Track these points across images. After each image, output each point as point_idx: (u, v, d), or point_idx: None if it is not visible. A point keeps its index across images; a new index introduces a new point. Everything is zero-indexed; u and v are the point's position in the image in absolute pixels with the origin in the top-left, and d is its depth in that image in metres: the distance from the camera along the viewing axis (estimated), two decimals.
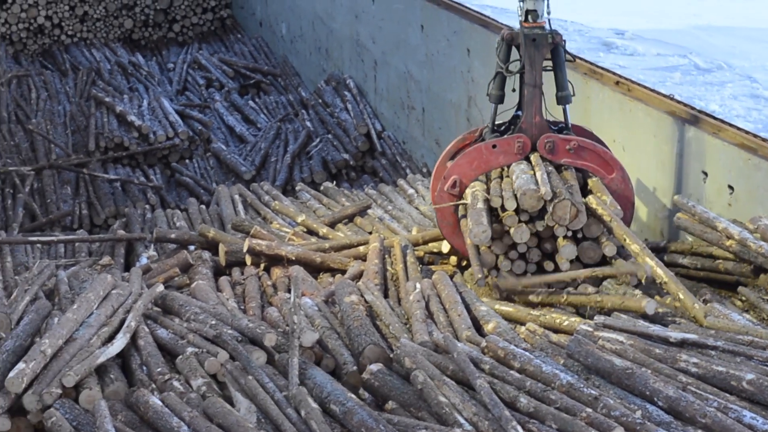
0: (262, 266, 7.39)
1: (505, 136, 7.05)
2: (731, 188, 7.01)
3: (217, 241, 7.91)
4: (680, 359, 4.69)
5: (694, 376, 4.60)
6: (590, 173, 6.93)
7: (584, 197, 6.73)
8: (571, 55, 7.17)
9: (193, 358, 5.16)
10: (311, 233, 8.50)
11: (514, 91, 7.12)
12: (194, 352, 5.20)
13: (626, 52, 15.28)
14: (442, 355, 5.09)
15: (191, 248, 8.07)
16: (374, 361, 5.20)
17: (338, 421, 4.55)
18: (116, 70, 15.89)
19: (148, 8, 17.92)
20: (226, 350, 5.15)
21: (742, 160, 6.92)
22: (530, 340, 5.55)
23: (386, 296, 6.53)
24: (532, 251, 6.75)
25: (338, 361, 5.37)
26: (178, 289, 7.04)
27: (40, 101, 14.48)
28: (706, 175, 7.24)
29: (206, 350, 5.20)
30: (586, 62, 8.76)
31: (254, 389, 4.74)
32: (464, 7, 11.01)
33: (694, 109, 7.57)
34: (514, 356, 4.87)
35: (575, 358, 4.84)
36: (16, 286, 6.54)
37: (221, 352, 5.15)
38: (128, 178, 12.21)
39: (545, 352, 5.11)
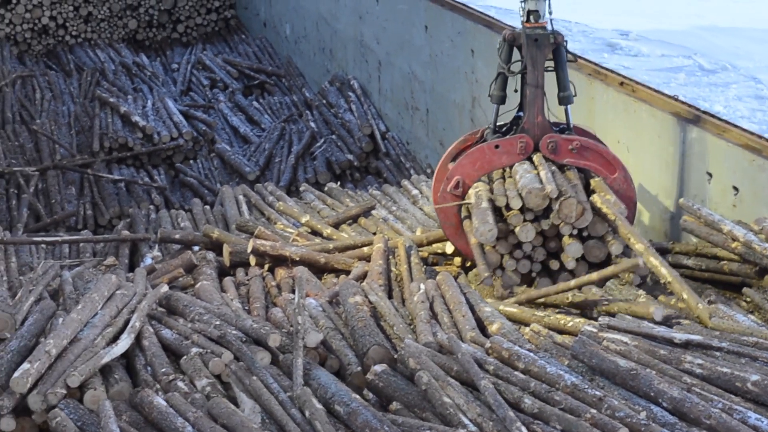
0: (266, 267, 7.39)
1: (507, 136, 7.05)
2: (736, 189, 7.00)
3: (221, 241, 7.91)
4: (685, 360, 4.68)
5: (698, 377, 4.59)
6: (593, 173, 6.94)
7: (587, 197, 6.73)
8: (572, 54, 7.17)
9: (197, 358, 5.16)
10: (315, 234, 8.50)
11: (516, 91, 7.13)
12: (198, 352, 5.21)
13: (630, 52, 15.26)
14: (446, 355, 5.09)
15: (195, 249, 8.07)
16: (378, 361, 5.20)
17: (342, 421, 4.55)
18: (120, 70, 15.91)
19: (152, 9, 17.94)
20: (230, 351, 5.16)
21: (746, 161, 6.91)
22: (535, 340, 5.55)
23: (390, 297, 6.53)
24: (537, 250, 6.76)
25: (342, 361, 5.37)
26: (182, 289, 7.04)
27: (44, 102, 14.49)
28: (710, 176, 7.23)
29: (210, 351, 5.21)
30: (590, 63, 8.76)
31: (258, 390, 4.75)
32: (468, 7, 11.01)
33: (698, 110, 7.57)
34: (518, 357, 4.87)
35: (580, 358, 4.84)
36: (20, 286, 6.55)
37: (225, 352, 5.15)
38: (132, 178, 12.22)
39: (550, 352, 5.11)
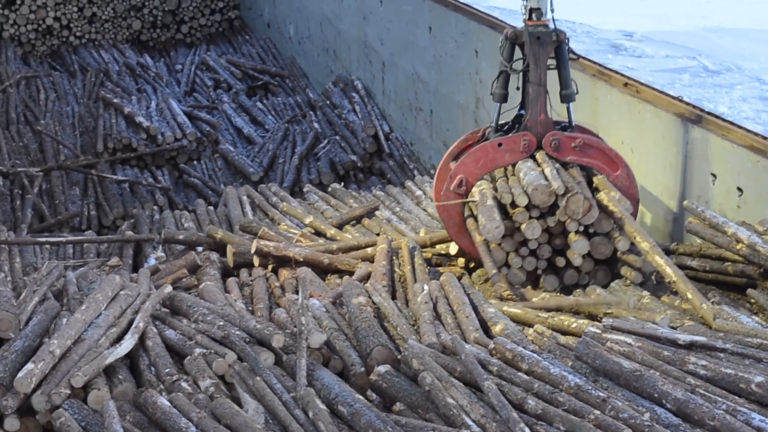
0: (269, 267, 7.39)
1: (510, 134, 7.06)
2: (740, 190, 7.00)
3: (225, 242, 7.92)
4: (689, 362, 4.68)
5: (702, 378, 4.59)
6: (595, 171, 6.94)
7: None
8: (574, 53, 7.18)
9: (201, 359, 5.16)
10: (319, 235, 8.51)
11: (518, 89, 7.13)
12: (202, 353, 5.21)
13: (635, 53, 15.26)
14: (449, 356, 5.09)
15: (199, 249, 8.07)
16: (382, 362, 5.20)
17: (346, 422, 4.55)
18: (124, 71, 15.92)
19: (156, 9, 17.95)
20: (234, 351, 5.16)
21: (751, 162, 6.91)
22: (538, 341, 5.55)
23: (394, 298, 6.53)
24: (542, 247, 6.76)
25: (346, 362, 5.37)
26: (186, 290, 7.04)
27: (48, 102, 14.51)
28: (714, 177, 7.23)
29: (214, 351, 5.21)
30: (594, 64, 8.75)
31: (262, 390, 4.75)
32: (472, 8, 11.01)
33: (702, 111, 7.56)
34: (522, 358, 4.87)
35: (583, 360, 4.84)
36: (24, 286, 6.55)
37: (229, 353, 5.15)
38: (136, 179, 12.23)
39: (553, 354, 5.11)
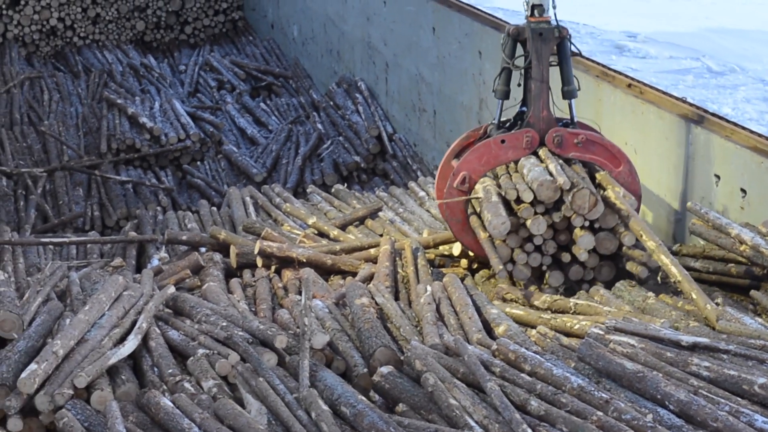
0: (273, 268, 7.40)
1: (512, 131, 7.06)
2: (744, 191, 6.99)
3: (228, 243, 7.92)
4: (692, 363, 4.68)
5: (705, 379, 4.58)
6: (597, 167, 6.95)
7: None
8: (576, 48, 7.18)
9: (204, 359, 5.16)
10: (322, 235, 8.51)
11: (519, 86, 7.14)
12: (205, 353, 5.21)
13: (638, 54, 15.25)
14: (452, 357, 5.09)
15: (202, 250, 8.08)
16: (385, 363, 5.20)
17: (349, 423, 4.55)
18: (128, 72, 15.93)
19: (159, 10, 17.96)
20: (237, 352, 5.16)
21: (754, 163, 6.90)
22: (541, 343, 5.54)
23: (397, 299, 6.53)
24: (547, 243, 6.76)
25: (349, 363, 5.37)
26: (189, 290, 7.04)
27: (52, 103, 14.52)
28: (718, 178, 7.22)
29: (217, 352, 5.21)
30: (598, 65, 8.75)
31: (265, 391, 4.75)
32: (476, 9, 11.01)
33: (706, 112, 7.56)
34: (524, 359, 4.87)
35: (586, 361, 4.83)
36: (28, 287, 6.56)
37: (232, 353, 5.15)
38: (140, 179, 12.24)
39: (556, 355, 5.11)
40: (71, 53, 17.05)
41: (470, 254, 7.35)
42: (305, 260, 7.32)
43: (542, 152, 6.95)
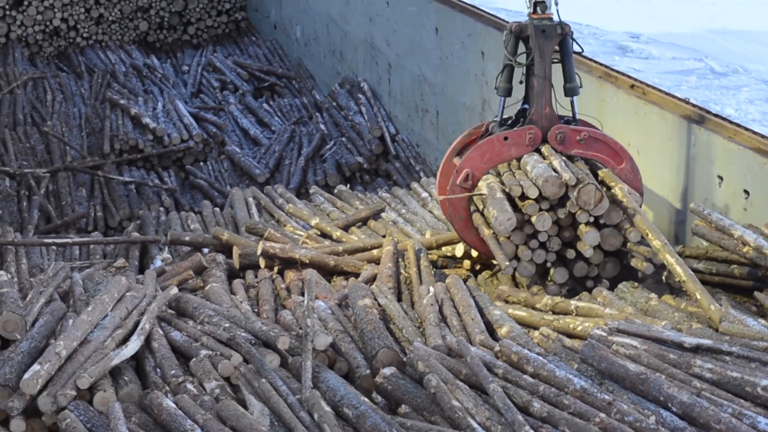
0: (275, 269, 7.40)
1: (515, 128, 7.07)
2: (747, 192, 6.99)
3: (231, 243, 7.92)
4: (695, 365, 4.67)
5: (708, 381, 4.58)
6: (599, 164, 6.95)
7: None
8: (579, 45, 7.18)
9: (206, 360, 5.17)
10: (325, 236, 8.51)
11: (521, 83, 7.14)
12: (208, 354, 5.22)
13: (641, 55, 15.23)
14: (455, 359, 5.08)
15: (205, 251, 8.08)
16: (387, 364, 5.20)
17: (351, 424, 4.55)
18: (131, 72, 15.95)
19: (163, 11, 17.98)
20: (239, 353, 5.16)
21: (757, 164, 6.90)
22: (544, 344, 5.54)
23: (399, 300, 6.53)
24: (552, 240, 6.75)
25: (351, 364, 5.37)
26: (192, 291, 7.05)
27: (55, 103, 14.54)
28: (721, 179, 7.22)
29: (220, 353, 5.21)
30: (601, 65, 8.75)
31: (267, 392, 4.75)
32: (479, 9, 11.01)
33: (709, 112, 7.55)
34: (527, 360, 4.86)
35: (589, 362, 4.83)
36: (31, 287, 6.57)
37: (235, 354, 5.15)
38: (143, 180, 12.25)
39: (559, 356, 5.10)
40: (74, 54, 17.07)
41: (473, 255, 7.35)
42: (308, 261, 7.32)
43: (545, 149, 6.96)
